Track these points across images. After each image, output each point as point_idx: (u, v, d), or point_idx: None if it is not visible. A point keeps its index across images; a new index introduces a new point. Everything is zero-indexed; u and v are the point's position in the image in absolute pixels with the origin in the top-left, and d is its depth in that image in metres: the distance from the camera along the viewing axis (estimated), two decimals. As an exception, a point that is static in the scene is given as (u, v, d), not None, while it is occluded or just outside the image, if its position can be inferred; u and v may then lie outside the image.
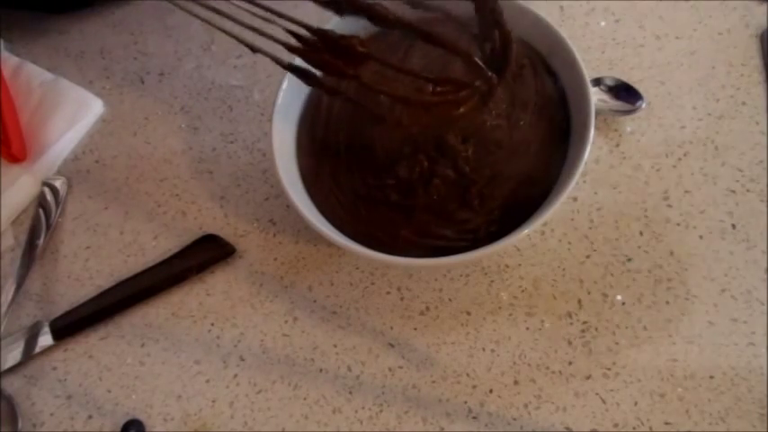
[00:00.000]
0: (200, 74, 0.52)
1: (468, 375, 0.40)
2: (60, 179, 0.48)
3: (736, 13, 0.48)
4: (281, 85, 0.40)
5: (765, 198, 0.42)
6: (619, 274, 0.41)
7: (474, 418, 0.39)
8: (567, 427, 0.38)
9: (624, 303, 0.40)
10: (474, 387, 0.39)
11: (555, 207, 0.35)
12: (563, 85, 0.40)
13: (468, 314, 0.41)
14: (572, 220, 0.43)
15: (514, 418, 0.38)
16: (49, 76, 0.52)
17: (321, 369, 0.41)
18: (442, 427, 0.39)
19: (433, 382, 0.40)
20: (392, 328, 0.41)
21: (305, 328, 0.42)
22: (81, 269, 0.46)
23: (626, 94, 0.45)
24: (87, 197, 0.48)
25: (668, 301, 0.40)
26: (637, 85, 0.45)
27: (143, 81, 0.52)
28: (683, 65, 0.47)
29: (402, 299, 0.42)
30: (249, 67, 0.51)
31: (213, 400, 0.41)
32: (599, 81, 0.45)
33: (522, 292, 0.41)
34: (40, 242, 0.46)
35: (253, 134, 0.49)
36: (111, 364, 0.43)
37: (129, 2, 0.55)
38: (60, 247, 0.46)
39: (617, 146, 0.45)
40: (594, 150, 0.44)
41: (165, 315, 0.43)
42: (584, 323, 0.40)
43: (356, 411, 0.40)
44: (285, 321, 0.42)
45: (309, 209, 0.38)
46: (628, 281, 0.41)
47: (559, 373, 0.39)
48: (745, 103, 0.45)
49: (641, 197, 0.43)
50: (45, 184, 0.48)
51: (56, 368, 0.43)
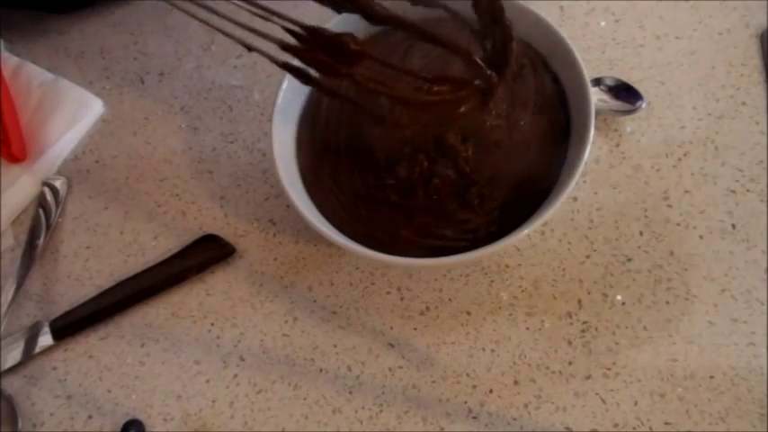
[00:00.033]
0: (200, 74, 0.52)
1: (468, 375, 0.40)
2: (60, 179, 0.48)
3: (736, 13, 0.48)
4: (281, 85, 0.40)
5: (765, 198, 0.42)
6: (619, 274, 0.41)
7: (474, 418, 0.39)
8: (567, 427, 0.38)
9: (624, 303, 0.40)
10: (474, 387, 0.39)
11: (555, 207, 0.35)
12: (563, 85, 0.40)
13: (468, 314, 0.41)
14: (572, 220, 0.43)
15: (514, 418, 0.38)
16: (49, 76, 0.52)
17: (321, 369, 0.41)
18: (442, 427, 0.39)
19: (433, 382, 0.40)
20: (392, 328, 0.41)
21: (305, 328, 0.42)
22: (81, 269, 0.46)
23: (626, 94, 0.45)
24: (87, 197, 0.48)
25: (668, 301, 0.40)
26: (637, 85, 0.45)
27: (143, 81, 0.52)
28: (683, 65, 0.47)
29: (402, 299, 0.42)
30: (249, 67, 0.51)
31: (213, 400, 0.41)
32: (599, 81, 0.45)
33: (522, 292, 0.41)
34: (40, 242, 0.46)
35: (253, 134, 0.49)
36: (111, 364, 0.43)
37: (129, 2, 0.55)
38: (60, 247, 0.46)
39: (617, 146, 0.45)
40: (594, 150, 0.44)
41: (165, 315, 0.43)
42: (584, 323, 0.40)
43: (356, 411, 0.40)
44: (285, 321, 0.42)
45: (309, 209, 0.38)
46: (628, 281, 0.41)
47: (559, 373, 0.39)
48: (745, 103, 0.45)
49: (641, 197, 0.43)
50: (45, 184, 0.48)
51: (56, 368, 0.43)
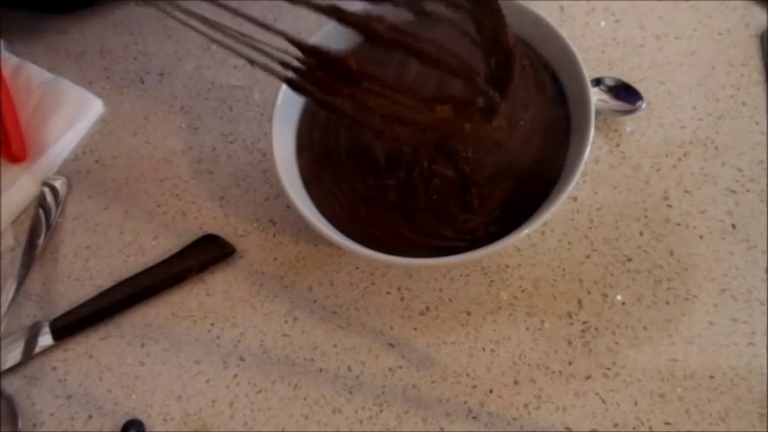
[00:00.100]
0: (200, 74, 0.51)
1: (468, 375, 0.40)
2: (60, 179, 0.48)
3: (736, 13, 0.48)
4: (281, 85, 0.40)
5: (765, 198, 0.42)
6: (619, 274, 0.41)
7: (474, 418, 0.39)
8: (567, 427, 0.38)
9: (624, 303, 0.40)
10: (474, 387, 0.39)
11: (555, 207, 0.35)
12: (563, 85, 0.40)
13: (468, 314, 0.41)
14: (572, 220, 0.43)
15: (514, 418, 0.38)
16: (48, 76, 0.52)
17: (321, 369, 0.41)
18: (442, 427, 0.39)
19: (433, 382, 0.40)
20: (392, 328, 0.41)
21: (305, 328, 0.42)
22: (81, 269, 0.46)
23: (626, 94, 0.45)
24: (87, 197, 0.48)
25: (668, 301, 0.40)
26: (637, 85, 0.45)
27: (143, 81, 0.52)
28: (683, 65, 0.47)
29: (402, 299, 0.42)
30: (249, 67, 0.50)
31: (213, 400, 0.41)
32: (599, 81, 0.45)
33: (522, 292, 0.41)
34: (39, 242, 0.46)
35: (253, 134, 0.49)
36: (111, 364, 0.43)
37: (129, 2, 0.55)
38: (60, 247, 0.46)
39: (617, 146, 0.45)
40: (594, 150, 0.44)
41: (165, 315, 0.43)
42: (584, 323, 0.40)
43: (356, 411, 0.40)
44: (285, 321, 0.42)
45: (309, 209, 0.38)
46: (628, 281, 0.41)
47: (559, 373, 0.39)
48: (745, 103, 0.45)
49: (641, 197, 0.43)
50: (45, 184, 0.48)
51: (56, 368, 0.43)
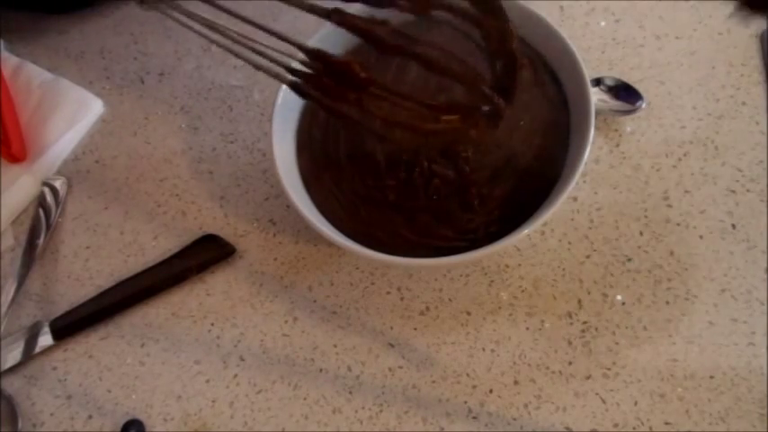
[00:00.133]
0: (200, 74, 0.51)
1: (468, 375, 0.40)
2: (60, 179, 0.48)
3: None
4: (281, 85, 0.40)
5: (765, 198, 0.42)
6: (619, 274, 0.41)
7: (474, 418, 0.39)
8: (567, 427, 0.38)
9: (624, 303, 0.40)
10: (474, 387, 0.39)
11: (555, 207, 0.35)
12: (563, 85, 0.40)
13: (468, 314, 0.41)
14: (572, 220, 0.43)
15: (514, 418, 0.38)
16: (48, 76, 0.52)
17: (321, 369, 0.41)
18: (442, 427, 0.39)
19: (433, 382, 0.40)
20: (392, 328, 0.41)
21: (305, 328, 0.42)
22: (81, 269, 0.46)
23: (626, 94, 0.45)
24: (87, 197, 0.48)
25: (668, 301, 0.40)
26: (637, 85, 0.45)
27: (143, 81, 0.52)
28: (683, 65, 0.47)
29: (402, 299, 0.42)
30: (249, 67, 0.50)
31: (213, 400, 0.41)
32: (599, 81, 0.45)
33: (522, 292, 0.41)
34: (39, 242, 0.46)
35: (253, 134, 0.49)
36: (111, 364, 0.43)
37: (129, 2, 0.55)
38: (60, 247, 0.46)
39: (617, 146, 0.45)
40: (594, 150, 0.44)
41: (165, 315, 0.43)
42: (584, 323, 0.40)
43: (356, 411, 0.39)
44: (285, 321, 0.42)
45: (309, 209, 0.38)
46: (628, 281, 0.41)
47: (559, 373, 0.39)
48: (745, 103, 0.45)
49: (641, 197, 0.43)
50: (45, 184, 0.48)
51: (56, 368, 0.43)
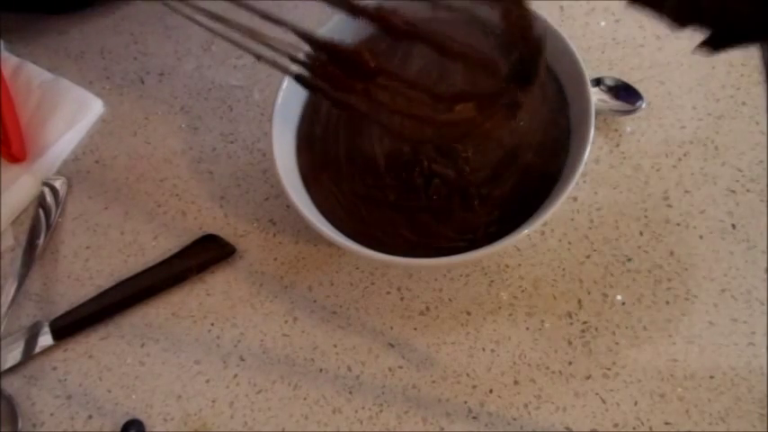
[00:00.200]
0: (200, 74, 0.51)
1: (468, 375, 0.40)
2: (60, 179, 0.48)
3: (736, 13, 0.48)
4: (281, 85, 0.40)
5: (765, 198, 0.42)
6: (619, 274, 0.41)
7: (474, 418, 0.39)
8: (567, 427, 0.38)
9: (624, 303, 0.40)
10: (474, 387, 0.39)
11: (555, 207, 0.35)
12: (563, 85, 0.40)
13: (468, 314, 0.41)
14: (572, 220, 0.43)
15: (514, 418, 0.38)
16: (48, 76, 0.52)
17: (321, 369, 0.41)
18: (442, 427, 0.39)
19: (433, 382, 0.40)
20: (392, 328, 0.41)
21: (305, 328, 0.42)
22: (81, 269, 0.46)
23: (626, 94, 0.45)
24: (87, 197, 0.48)
25: (668, 301, 0.40)
26: (637, 85, 0.45)
27: (143, 81, 0.52)
28: (683, 65, 0.47)
29: (402, 299, 0.42)
30: (249, 67, 0.51)
31: (213, 400, 0.41)
32: (599, 81, 0.45)
33: (522, 292, 0.41)
34: (39, 242, 0.46)
35: (253, 134, 0.49)
36: (111, 364, 0.43)
37: (129, 2, 0.55)
38: (60, 247, 0.46)
39: (617, 146, 0.45)
40: (594, 150, 0.44)
41: (165, 315, 0.43)
42: (584, 323, 0.40)
43: (356, 411, 0.39)
44: (285, 321, 0.42)
45: (309, 209, 0.38)
46: (628, 281, 0.41)
47: (559, 373, 0.39)
48: (745, 103, 0.45)
49: (641, 197, 0.43)
50: (45, 184, 0.48)
51: (56, 368, 0.43)
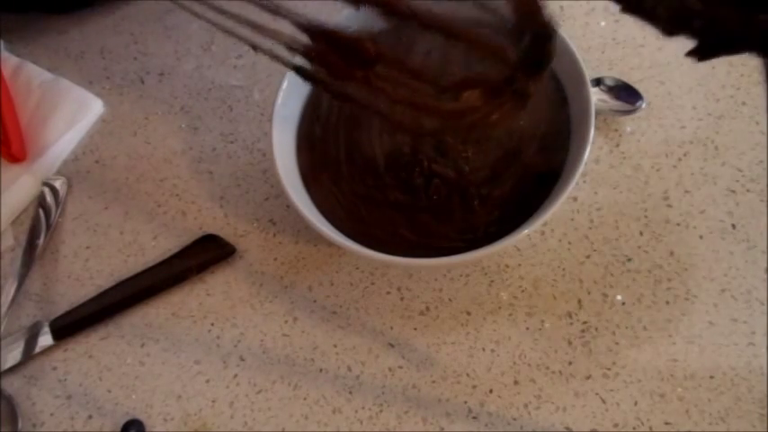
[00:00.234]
0: (200, 74, 0.51)
1: (468, 375, 0.40)
2: (60, 179, 0.48)
3: (736, 13, 0.48)
4: (281, 85, 0.40)
5: (765, 198, 0.42)
6: (619, 274, 0.41)
7: (474, 418, 0.39)
8: (567, 427, 0.38)
9: (624, 303, 0.40)
10: (474, 387, 0.39)
11: (555, 207, 0.35)
12: (563, 85, 0.40)
13: (468, 314, 0.41)
14: (572, 220, 0.43)
15: (514, 418, 0.38)
16: (48, 76, 0.52)
17: (321, 369, 0.41)
18: (442, 427, 0.39)
19: (433, 382, 0.40)
20: (392, 328, 0.41)
21: (305, 328, 0.42)
22: (81, 269, 0.46)
23: (626, 94, 0.45)
24: (87, 197, 0.48)
25: (668, 301, 0.40)
26: (637, 85, 0.45)
27: (143, 81, 0.52)
28: (683, 65, 0.47)
29: (402, 299, 0.42)
30: (249, 67, 0.51)
31: (213, 400, 0.41)
32: (599, 81, 0.45)
33: (522, 292, 0.41)
34: (39, 242, 0.46)
35: (253, 134, 0.49)
36: (111, 364, 0.43)
37: (129, 2, 0.55)
38: (60, 247, 0.46)
39: (617, 146, 0.45)
40: (594, 150, 0.44)
41: (165, 315, 0.43)
42: (584, 323, 0.40)
43: (356, 411, 0.39)
44: (285, 321, 0.42)
45: (309, 209, 0.38)
46: (628, 281, 0.41)
47: (559, 373, 0.39)
48: (745, 103, 0.45)
49: (641, 197, 0.43)
50: (45, 184, 0.48)
51: (56, 368, 0.43)
